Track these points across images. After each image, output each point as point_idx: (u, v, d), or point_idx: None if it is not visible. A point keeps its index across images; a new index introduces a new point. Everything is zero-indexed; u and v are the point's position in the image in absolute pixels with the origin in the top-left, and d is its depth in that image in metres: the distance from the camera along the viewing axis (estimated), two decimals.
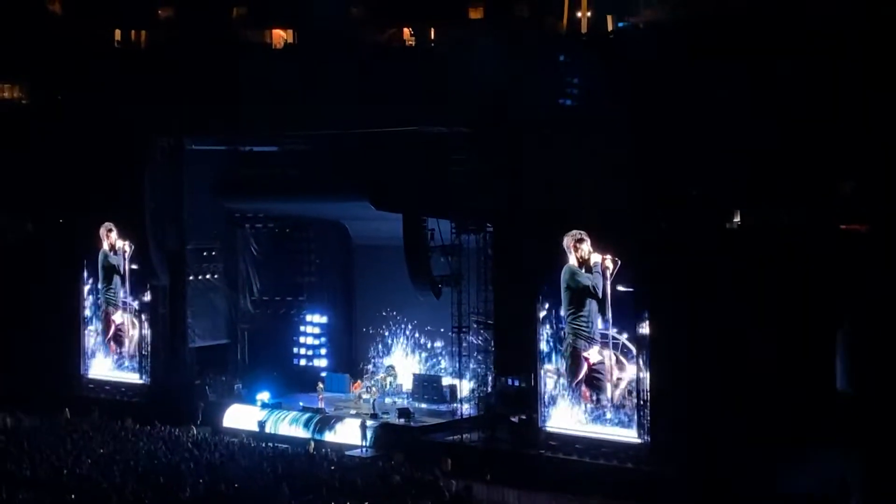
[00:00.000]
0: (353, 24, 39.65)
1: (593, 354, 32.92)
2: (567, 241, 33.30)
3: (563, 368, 33.50)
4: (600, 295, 32.77)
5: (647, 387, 31.82)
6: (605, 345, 32.76)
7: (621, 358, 32.42)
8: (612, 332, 32.62)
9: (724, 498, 29.57)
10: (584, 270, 33.10)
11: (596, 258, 32.84)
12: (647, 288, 31.85)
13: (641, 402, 31.90)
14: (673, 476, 30.55)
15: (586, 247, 33.03)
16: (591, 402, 32.92)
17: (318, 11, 39.36)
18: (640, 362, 31.95)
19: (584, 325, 33.13)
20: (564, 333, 33.47)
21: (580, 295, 33.17)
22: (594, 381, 32.91)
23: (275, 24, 41.73)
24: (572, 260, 33.31)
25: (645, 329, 31.92)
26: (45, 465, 32.01)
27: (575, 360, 33.25)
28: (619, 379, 32.44)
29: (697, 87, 30.83)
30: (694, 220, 31.29)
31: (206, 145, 41.21)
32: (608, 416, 32.58)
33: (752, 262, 30.53)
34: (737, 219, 31.81)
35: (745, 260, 30.69)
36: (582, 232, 33.02)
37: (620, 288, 32.35)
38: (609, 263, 32.49)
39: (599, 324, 32.87)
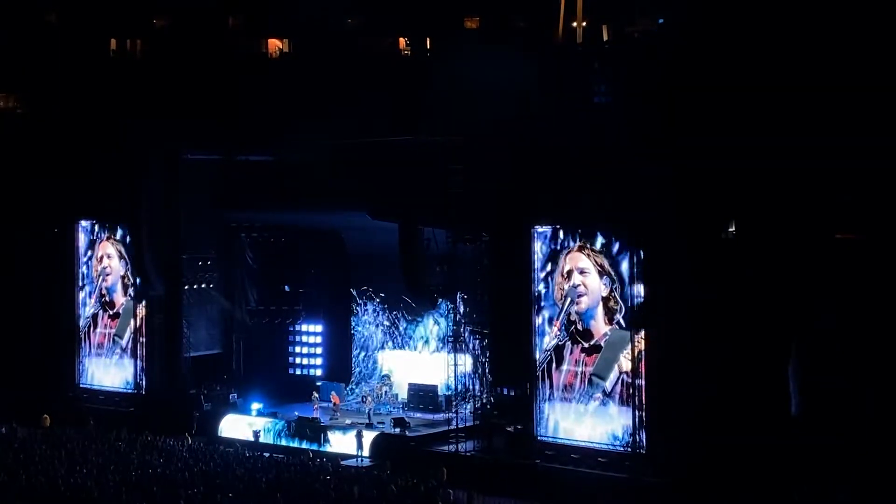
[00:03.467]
0: (349, 33, 39.71)
1: (589, 362, 32.91)
2: (563, 249, 33.38)
3: (559, 377, 33.49)
4: (597, 304, 32.79)
5: (644, 396, 31.81)
6: (600, 352, 32.73)
7: (617, 367, 32.40)
8: (607, 339, 32.61)
9: None
10: (579, 279, 33.10)
11: (590, 266, 32.87)
12: (644, 298, 31.84)
13: (637, 411, 31.88)
14: (669, 486, 30.51)
15: (581, 255, 33.07)
16: (586, 411, 32.91)
17: (315, 21, 39.41)
18: (636, 372, 31.93)
19: (580, 333, 33.12)
20: (560, 341, 33.47)
21: (576, 303, 33.17)
22: (590, 389, 32.88)
23: (271, 33, 41.77)
24: (567, 267, 33.34)
25: (640, 339, 31.91)
26: (39, 475, 31.91)
27: (571, 368, 33.23)
28: (615, 387, 32.39)
29: (694, 94, 30.92)
30: (692, 230, 31.30)
31: (203, 155, 41.19)
32: (604, 424, 32.55)
33: (749, 271, 30.60)
34: (732, 228, 31.86)
35: (740, 268, 30.75)
36: (577, 240, 33.08)
37: (617, 297, 32.37)
38: (606, 272, 32.53)
39: (595, 332, 32.86)
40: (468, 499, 30.41)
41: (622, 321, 32.20)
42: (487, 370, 36.99)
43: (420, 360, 41.00)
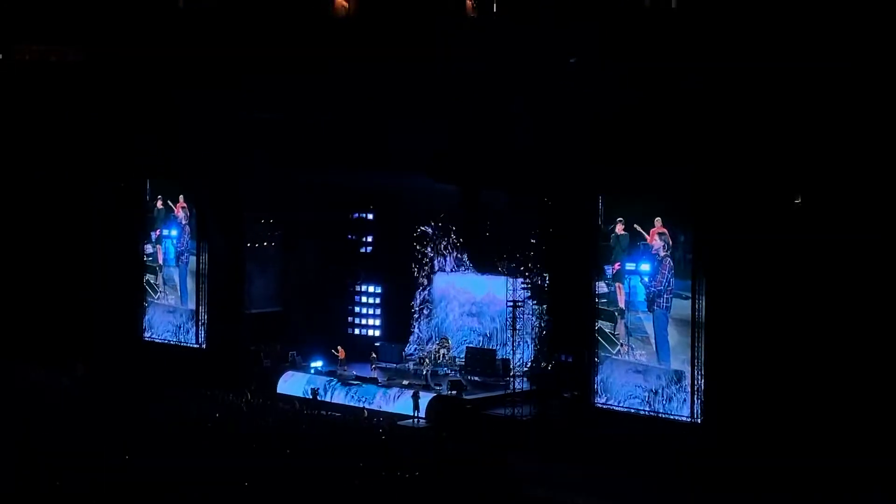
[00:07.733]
0: None
1: (649, 329, 32.63)
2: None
3: (617, 336, 33.17)
4: (655, 269, 32.45)
5: (703, 366, 31.49)
6: (660, 319, 32.42)
7: (677, 335, 32.10)
8: (667, 307, 32.27)
9: (778, 483, 29.25)
10: (639, 242, 32.74)
11: (654, 230, 32.52)
12: (707, 265, 31.46)
13: (697, 382, 31.60)
14: (726, 459, 30.22)
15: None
16: (644, 379, 32.68)
17: None
18: (696, 341, 31.62)
19: (640, 297, 32.81)
20: (623, 306, 33.14)
21: (633, 268, 32.83)
22: (649, 356, 32.65)
23: None
24: (625, 228, 32.96)
25: (702, 308, 31.56)
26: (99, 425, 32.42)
27: (628, 335, 32.98)
28: (674, 353, 32.12)
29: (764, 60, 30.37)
30: (758, 198, 30.81)
31: (265, 113, 41.23)
32: (662, 393, 32.32)
33: (815, 243, 30.12)
34: (798, 200, 31.32)
35: (807, 241, 30.26)
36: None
37: (677, 262, 32.03)
38: (667, 237, 32.18)
39: (656, 290, 32.53)
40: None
41: None
42: (545, 335, 36.85)
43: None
